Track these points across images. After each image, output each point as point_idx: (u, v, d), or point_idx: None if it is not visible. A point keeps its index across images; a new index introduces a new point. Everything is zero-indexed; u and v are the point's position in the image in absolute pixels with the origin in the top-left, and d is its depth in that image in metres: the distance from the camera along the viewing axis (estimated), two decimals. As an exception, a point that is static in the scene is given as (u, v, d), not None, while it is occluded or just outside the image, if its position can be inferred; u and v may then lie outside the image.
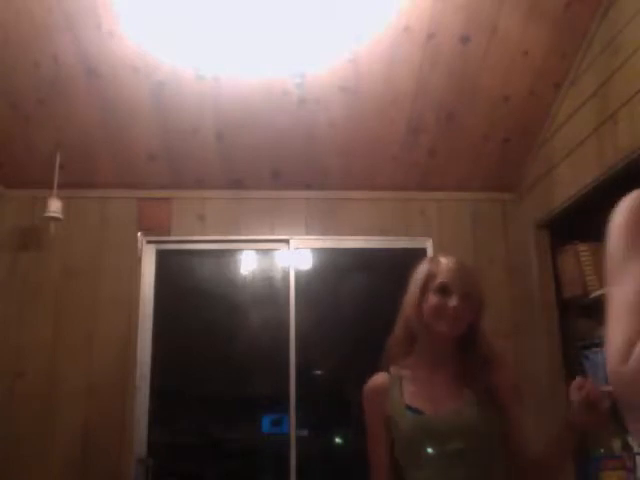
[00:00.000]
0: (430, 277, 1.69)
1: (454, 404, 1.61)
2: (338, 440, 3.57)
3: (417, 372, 1.69)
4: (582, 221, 3.09)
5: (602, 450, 3.11)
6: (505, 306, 3.45)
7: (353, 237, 3.59)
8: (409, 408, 1.62)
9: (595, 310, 3.28)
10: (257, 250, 3.65)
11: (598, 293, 3.07)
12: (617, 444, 3.11)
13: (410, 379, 1.69)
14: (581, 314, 3.35)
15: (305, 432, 3.33)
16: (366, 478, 1.70)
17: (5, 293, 3.36)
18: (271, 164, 3.43)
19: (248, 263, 3.66)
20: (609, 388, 1.13)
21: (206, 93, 3.04)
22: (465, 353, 1.70)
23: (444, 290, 1.65)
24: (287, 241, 3.56)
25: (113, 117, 3.13)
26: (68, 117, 3.09)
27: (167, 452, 3.30)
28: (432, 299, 1.66)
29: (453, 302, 1.63)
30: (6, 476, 3.06)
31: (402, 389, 1.67)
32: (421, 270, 1.74)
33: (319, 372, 3.62)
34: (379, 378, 1.74)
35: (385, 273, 3.48)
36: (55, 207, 3.18)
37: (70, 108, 3.06)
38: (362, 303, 3.55)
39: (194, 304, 3.52)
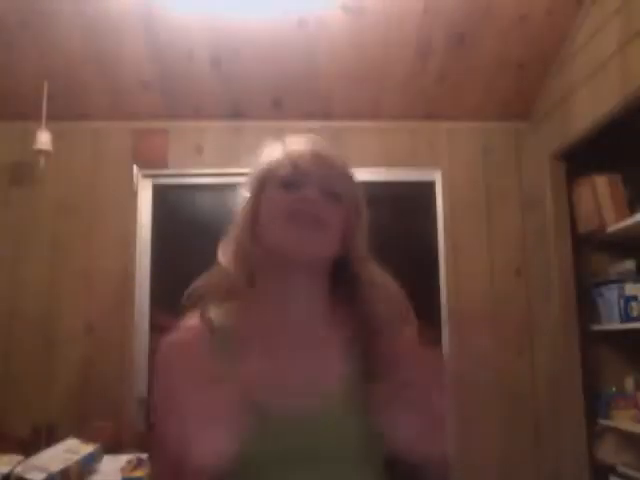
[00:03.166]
0: (271, 168, 1.04)
1: (322, 376, 0.96)
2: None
3: (255, 326, 0.99)
4: (601, 152, 2.92)
5: (614, 389, 3.04)
6: (517, 241, 3.33)
7: (357, 169, 3.41)
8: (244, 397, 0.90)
9: (611, 245, 3.16)
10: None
11: (615, 228, 2.94)
12: (629, 382, 3.04)
13: (244, 337, 0.97)
14: (596, 250, 3.22)
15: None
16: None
17: (-2, 230, 3.26)
18: (271, 92, 3.25)
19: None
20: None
21: (199, 14, 2.83)
22: (338, 299, 1.04)
23: (292, 182, 1.01)
24: (289, 173, 3.40)
25: (101, 41, 2.93)
26: (53, 42, 2.91)
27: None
28: (273, 195, 1.01)
29: (309, 193, 0.99)
30: (5, 415, 3.02)
31: (232, 355, 0.94)
32: (258, 162, 1.08)
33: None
34: (191, 331, 0.99)
35: (391, 206, 3.33)
36: (44, 139, 3.02)
37: (55, 32, 2.86)
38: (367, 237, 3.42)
39: (193, 239, 3.40)
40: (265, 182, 1.03)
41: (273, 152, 1.07)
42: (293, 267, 0.99)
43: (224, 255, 1.05)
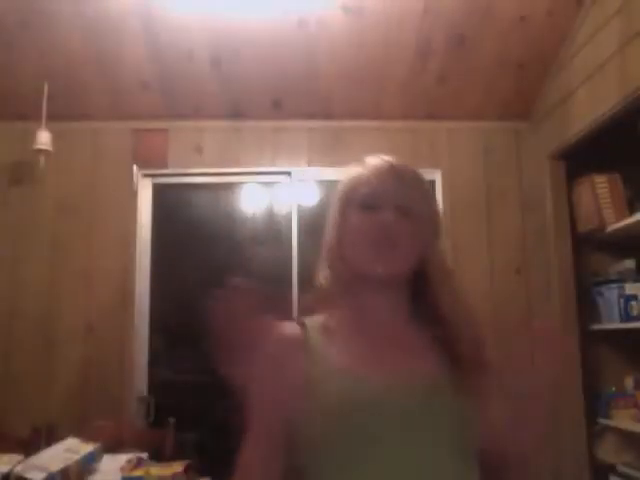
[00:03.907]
0: (351, 190, 1.12)
1: (418, 366, 1.04)
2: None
3: (348, 328, 1.09)
4: (601, 152, 2.92)
5: (613, 388, 3.04)
6: (517, 241, 3.33)
7: (358, 170, 3.42)
8: (343, 371, 1.00)
9: (611, 245, 3.16)
10: (257, 183, 3.50)
11: (614, 227, 2.93)
12: (629, 382, 3.04)
13: (339, 334, 1.07)
14: (596, 249, 3.22)
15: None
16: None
17: (-2, 229, 3.27)
18: (271, 92, 3.25)
19: (248, 197, 3.52)
20: None
21: (199, 14, 2.83)
22: (418, 305, 1.11)
23: (370, 204, 1.08)
24: (289, 173, 3.40)
25: (101, 42, 2.94)
26: (53, 42, 2.91)
27: (167, 389, 3.24)
28: (352, 217, 1.09)
29: (385, 214, 1.06)
30: (5, 415, 3.02)
31: (329, 345, 1.05)
32: (340, 184, 1.17)
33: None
34: (290, 327, 1.09)
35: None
36: (44, 139, 3.02)
37: (55, 32, 2.86)
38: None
39: (193, 239, 3.41)
40: (345, 204, 1.12)
41: (352, 174, 1.15)
42: (375, 282, 1.08)
43: (321, 272, 1.15)
